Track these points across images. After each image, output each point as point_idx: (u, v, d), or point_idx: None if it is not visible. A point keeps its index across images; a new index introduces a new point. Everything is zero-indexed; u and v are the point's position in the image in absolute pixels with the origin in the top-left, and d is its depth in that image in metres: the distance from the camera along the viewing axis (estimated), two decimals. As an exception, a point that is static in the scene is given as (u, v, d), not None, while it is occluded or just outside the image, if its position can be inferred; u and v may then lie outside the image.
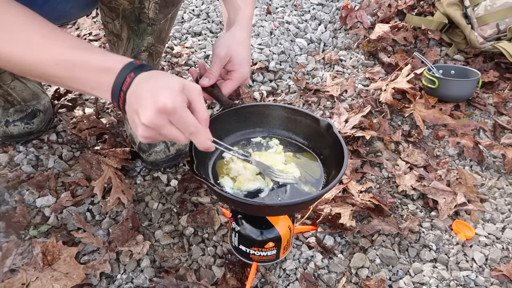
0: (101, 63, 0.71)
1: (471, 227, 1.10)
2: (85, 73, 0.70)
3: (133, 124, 0.69)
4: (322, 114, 1.51)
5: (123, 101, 0.69)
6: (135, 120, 0.68)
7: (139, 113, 0.66)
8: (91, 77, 0.71)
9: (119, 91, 0.69)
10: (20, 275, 0.91)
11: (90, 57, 0.71)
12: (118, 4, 1.00)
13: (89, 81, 0.71)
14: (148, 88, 0.67)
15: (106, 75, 0.70)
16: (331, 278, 0.97)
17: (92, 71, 0.70)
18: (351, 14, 1.98)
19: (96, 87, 0.71)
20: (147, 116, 0.65)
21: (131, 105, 0.68)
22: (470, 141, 1.36)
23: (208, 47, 1.82)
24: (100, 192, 1.10)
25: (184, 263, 1.00)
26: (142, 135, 0.68)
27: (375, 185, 1.24)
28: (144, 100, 0.66)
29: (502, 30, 1.70)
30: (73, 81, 0.72)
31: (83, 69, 0.70)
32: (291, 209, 0.85)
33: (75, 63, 0.70)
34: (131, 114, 0.69)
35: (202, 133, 0.69)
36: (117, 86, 0.69)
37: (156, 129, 0.67)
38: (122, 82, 0.69)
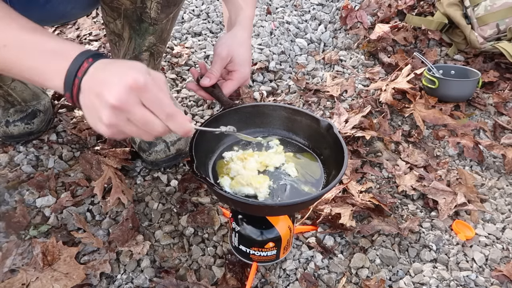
0: (55, 46, 0.64)
1: (471, 227, 1.10)
2: (35, 57, 0.63)
3: (94, 111, 0.61)
4: (322, 114, 1.51)
5: (77, 90, 0.62)
6: (97, 105, 0.59)
7: (103, 93, 0.58)
8: (42, 62, 0.63)
9: (73, 77, 0.61)
10: (20, 275, 0.91)
11: (42, 40, 0.64)
12: (120, 3, 1.00)
13: (39, 67, 0.64)
14: (112, 71, 0.61)
15: (59, 60, 0.63)
16: (331, 278, 0.97)
17: (44, 55, 0.63)
18: (351, 14, 1.98)
19: (47, 73, 0.64)
20: (114, 93, 0.57)
21: (90, 90, 0.61)
22: (470, 141, 1.36)
23: (208, 47, 1.82)
24: (100, 192, 1.10)
25: (184, 263, 1.00)
26: (108, 121, 0.59)
27: (375, 185, 1.24)
28: (109, 80, 0.59)
29: (502, 30, 1.70)
30: (21, 66, 0.64)
31: (34, 51, 0.63)
32: (291, 209, 0.85)
33: (25, 44, 0.64)
34: (91, 99, 0.60)
35: (180, 114, 0.63)
36: (71, 72, 0.61)
37: (125, 111, 0.59)
38: (78, 68, 0.61)
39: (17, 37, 0.64)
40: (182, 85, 1.61)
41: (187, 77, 1.66)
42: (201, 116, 1.47)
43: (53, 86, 0.64)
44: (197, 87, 0.95)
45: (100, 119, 0.60)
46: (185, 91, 1.58)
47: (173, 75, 1.64)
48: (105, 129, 0.61)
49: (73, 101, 0.64)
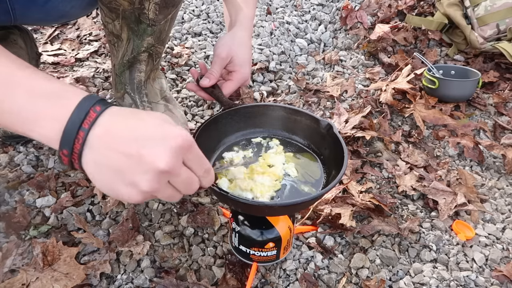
0: (50, 87, 0.51)
1: (471, 227, 1.10)
2: (20, 98, 0.50)
3: (119, 174, 0.49)
4: (322, 114, 1.51)
5: (81, 145, 0.49)
6: (130, 167, 0.49)
7: (145, 155, 0.48)
8: (30, 105, 0.49)
9: (77, 129, 0.49)
10: (20, 275, 0.91)
11: (33, 77, 0.51)
12: (118, 4, 1.00)
13: (24, 111, 0.49)
14: (144, 125, 0.50)
15: (55, 105, 0.50)
16: (331, 279, 0.97)
17: (33, 96, 0.50)
18: (351, 15, 1.98)
19: (34, 121, 0.49)
20: (164, 156, 0.48)
21: (111, 148, 0.49)
22: (470, 141, 1.36)
23: (208, 48, 1.82)
24: (100, 193, 1.11)
25: (184, 263, 1.00)
26: (149, 187, 0.49)
27: (375, 185, 1.24)
28: (147, 138, 0.49)
29: (502, 30, 1.70)
30: (4, 110, 0.50)
31: (19, 90, 0.50)
32: (291, 209, 0.85)
33: (8, 80, 0.50)
34: (115, 160, 0.49)
35: (211, 168, 0.58)
36: (74, 122, 0.49)
37: (172, 175, 0.51)
38: (83, 118, 0.49)
39: (3, 70, 0.51)
40: (182, 85, 1.61)
41: (187, 77, 1.66)
42: (201, 116, 1.47)
43: (41, 137, 0.51)
44: (197, 88, 0.96)
45: (134, 184, 0.50)
46: (185, 91, 1.58)
47: (173, 75, 1.64)
48: (137, 196, 0.51)
49: (69, 160, 0.50)
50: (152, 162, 0.48)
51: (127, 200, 0.52)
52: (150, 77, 1.19)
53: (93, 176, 0.52)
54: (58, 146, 0.50)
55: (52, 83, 0.52)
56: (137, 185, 0.49)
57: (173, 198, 0.55)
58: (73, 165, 0.51)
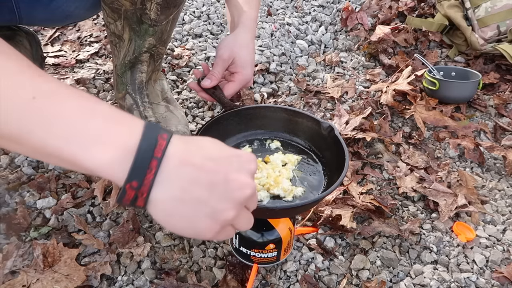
0: (106, 108, 0.45)
1: (471, 229, 1.10)
2: (75, 118, 0.43)
3: (202, 206, 0.45)
4: (322, 115, 1.51)
5: (154, 175, 0.43)
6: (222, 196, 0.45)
7: (232, 183, 0.46)
8: (87, 125, 0.43)
9: (150, 157, 0.42)
10: (21, 277, 0.91)
11: (88, 97, 0.45)
12: (120, 4, 1.01)
13: (80, 131, 0.42)
14: (222, 152, 0.48)
15: (119, 126, 0.44)
16: (331, 280, 0.97)
17: (90, 116, 0.44)
18: (351, 16, 1.98)
19: (93, 143, 0.42)
20: (249, 184, 0.47)
21: (190, 179, 0.44)
22: (471, 143, 1.36)
23: (209, 49, 1.82)
24: (100, 194, 1.11)
25: (184, 264, 1.00)
26: (233, 215, 0.46)
27: (376, 186, 1.24)
28: (230, 167, 0.47)
29: (502, 32, 1.70)
30: (49, 130, 0.42)
31: (77, 108, 0.44)
32: (292, 212, 0.85)
33: (61, 99, 0.44)
34: (197, 190, 0.44)
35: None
36: (144, 150, 0.43)
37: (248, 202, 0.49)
38: (154, 146, 0.43)
39: (52, 89, 0.44)
40: (183, 87, 1.61)
41: (188, 79, 1.66)
42: (201, 118, 1.47)
43: (97, 166, 0.43)
44: (198, 88, 0.95)
45: (216, 213, 0.45)
46: (186, 93, 1.58)
47: (174, 77, 1.64)
48: (215, 228, 0.46)
49: (135, 195, 0.43)
50: (238, 189, 0.46)
51: (201, 236, 0.47)
52: (151, 78, 1.19)
53: (166, 213, 0.45)
54: (124, 177, 0.42)
55: (105, 105, 0.45)
56: (220, 213, 0.45)
57: (230, 235, 0.51)
58: (136, 202, 0.44)
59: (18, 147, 0.44)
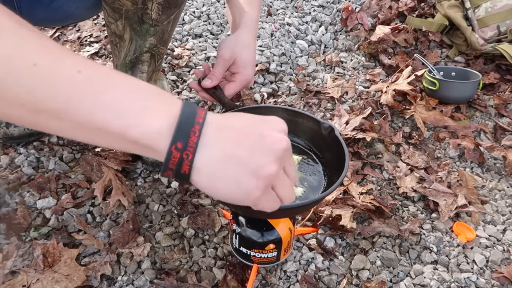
0: (152, 87, 0.48)
1: (471, 229, 1.10)
2: (128, 91, 0.46)
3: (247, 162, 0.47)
4: (322, 116, 1.51)
5: (198, 138, 0.46)
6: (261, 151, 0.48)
7: (268, 138, 0.48)
8: (139, 98, 0.46)
9: (193, 121, 0.46)
10: (21, 277, 0.91)
11: (133, 78, 0.48)
12: (121, 4, 1.01)
13: (134, 104, 0.45)
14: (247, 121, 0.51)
15: (163, 100, 0.48)
16: (331, 280, 0.97)
17: (140, 91, 0.47)
18: (351, 16, 1.98)
19: (145, 113, 0.45)
20: (283, 139, 0.49)
21: (229, 140, 0.48)
22: (471, 143, 1.36)
23: (209, 49, 1.82)
24: (100, 194, 1.11)
25: (184, 264, 1.00)
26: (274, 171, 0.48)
27: (376, 187, 1.24)
28: (263, 123, 0.50)
29: (502, 32, 1.70)
30: (96, 100, 0.44)
31: (126, 85, 0.47)
32: (292, 213, 0.85)
33: (112, 76, 0.46)
34: (238, 148, 0.47)
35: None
36: (188, 115, 0.46)
37: (285, 161, 0.50)
38: (196, 113, 0.47)
39: (91, 64, 0.46)
40: (183, 87, 1.62)
41: (188, 79, 1.66)
42: (201, 118, 1.47)
43: (147, 131, 0.45)
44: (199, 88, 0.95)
45: (258, 169, 0.47)
46: (186, 93, 1.58)
47: (174, 77, 1.64)
48: (257, 188, 0.48)
49: (180, 157, 0.45)
50: (274, 142, 0.48)
51: (248, 197, 0.48)
52: (152, 78, 1.19)
53: (211, 176, 0.47)
54: (169, 140, 0.45)
55: (149, 84, 0.49)
56: (262, 168, 0.47)
57: (274, 205, 0.54)
58: (181, 167, 0.46)
59: (58, 124, 0.45)
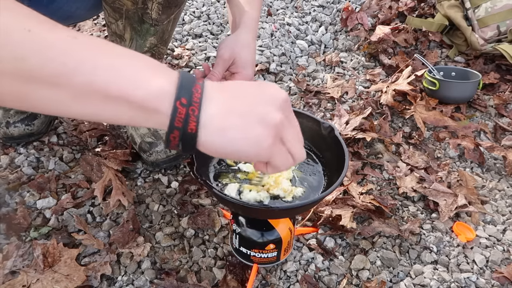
0: (149, 59, 0.49)
1: (471, 229, 1.10)
2: (130, 58, 0.47)
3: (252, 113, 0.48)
4: (322, 116, 1.51)
5: (201, 94, 0.47)
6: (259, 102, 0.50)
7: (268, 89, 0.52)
8: (132, 62, 0.47)
9: (193, 81, 0.48)
10: (21, 277, 0.91)
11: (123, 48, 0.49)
12: (121, 4, 1.01)
13: (127, 66, 0.46)
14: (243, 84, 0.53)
15: (162, 68, 0.49)
16: (331, 280, 0.97)
17: (140, 59, 0.48)
18: (351, 16, 1.98)
19: (147, 76, 0.46)
20: (282, 92, 0.52)
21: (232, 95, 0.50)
22: (471, 143, 1.36)
23: (209, 49, 1.82)
24: (100, 194, 1.10)
25: (184, 265, 1.00)
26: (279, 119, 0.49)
27: (376, 187, 1.24)
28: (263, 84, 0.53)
29: (502, 32, 1.70)
30: (97, 64, 0.44)
31: (128, 54, 0.48)
32: (292, 212, 0.85)
33: (101, 43, 0.47)
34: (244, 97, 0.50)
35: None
36: (187, 77, 0.48)
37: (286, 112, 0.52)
38: (194, 77, 0.49)
39: (86, 34, 0.49)
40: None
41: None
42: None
43: (150, 91, 0.46)
44: None
45: (265, 116, 0.49)
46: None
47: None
48: (268, 136, 0.49)
49: (186, 112, 0.46)
50: (274, 93, 0.51)
51: (260, 146, 0.49)
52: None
53: (219, 129, 0.48)
54: (173, 97, 0.46)
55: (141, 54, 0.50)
56: (267, 117, 0.48)
57: (287, 161, 0.55)
58: (188, 124, 0.46)
59: (54, 91, 0.44)
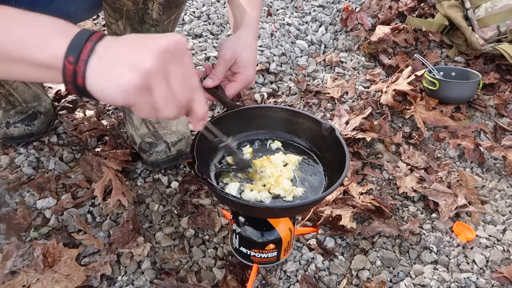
0: (52, 20, 0.56)
1: (471, 229, 1.10)
2: (26, 26, 0.54)
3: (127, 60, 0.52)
4: (323, 116, 1.51)
5: (89, 52, 0.52)
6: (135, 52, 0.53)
7: (150, 39, 0.54)
8: (36, 31, 0.54)
9: (85, 40, 0.52)
10: (21, 277, 0.91)
11: (33, 14, 0.56)
12: (122, 4, 1.01)
13: (32, 35, 0.53)
14: (139, 36, 0.56)
15: (60, 29, 0.55)
16: (331, 280, 0.97)
17: (38, 24, 0.55)
18: (351, 16, 1.98)
19: (43, 40, 0.53)
20: (165, 41, 0.53)
21: (120, 45, 0.54)
22: (471, 143, 1.36)
23: (209, 49, 1.82)
24: (100, 194, 1.10)
25: (184, 265, 1.00)
26: (151, 65, 0.52)
27: (376, 187, 1.24)
28: (150, 36, 0.55)
29: (502, 32, 1.70)
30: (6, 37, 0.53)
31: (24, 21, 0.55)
32: (293, 212, 0.85)
33: (10, 14, 0.55)
34: (122, 52, 0.53)
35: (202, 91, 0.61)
36: (82, 36, 0.52)
37: (173, 60, 0.54)
38: (90, 34, 0.53)
39: (1, 9, 0.55)
40: (183, 87, 1.61)
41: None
42: (201, 118, 1.47)
43: (47, 55, 0.53)
44: None
45: (138, 62, 0.52)
46: (186, 93, 1.58)
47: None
48: (139, 77, 0.52)
49: (73, 69, 0.52)
50: (154, 43, 0.53)
51: (125, 93, 0.52)
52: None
53: (97, 78, 0.53)
54: (62, 58, 0.52)
55: (52, 18, 0.56)
56: (140, 63, 0.52)
57: (168, 101, 0.56)
58: (76, 79, 0.52)
59: None
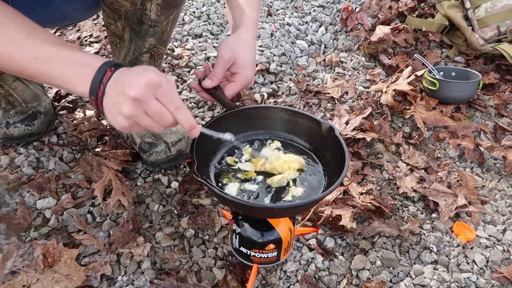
0: (81, 58, 0.73)
1: (471, 229, 1.10)
2: (64, 68, 0.72)
3: (115, 107, 0.70)
4: (322, 116, 1.51)
5: (102, 94, 0.71)
6: (119, 101, 0.68)
7: (125, 90, 0.67)
8: (70, 72, 0.72)
9: (99, 83, 0.71)
10: (21, 277, 0.91)
11: (70, 53, 0.73)
12: (120, 5, 1.01)
13: (67, 76, 0.72)
14: (132, 73, 0.70)
15: (85, 70, 0.72)
16: (331, 280, 0.97)
17: (71, 65, 0.72)
18: (351, 16, 1.98)
19: (75, 81, 0.72)
20: (135, 88, 0.66)
21: (114, 91, 0.70)
22: (471, 143, 1.36)
23: (209, 49, 1.82)
24: (100, 194, 1.10)
25: (184, 265, 1.00)
26: (128, 112, 0.68)
27: (376, 187, 1.24)
28: (129, 80, 0.68)
29: (502, 32, 1.70)
30: (52, 75, 0.73)
31: (63, 63, 0.72)
32: (292, 212, 0.85)
33: (54, 57, 0.72)
34: (114, 98, 0.70)
35: (186, 109, 0.72)
36: (97, 79, 0.71)
37: (143, 103, 0.68)
38: (103, 76, 0.70)
39: (46, 51, 0.72)
40: (183, 87, 1.62)
41: (188, 79, 1.66)
42: (201, 118, 1.47)
43: (80, 92, 0.73)
44: (199, 88, 0.95)
45: (121, 112, 0.68)
46: (186, 93, 1.58)
47: (174, 77, 1.64)
48: (123, 121, 0.69)
49: (97, 104, 0.73)
50: (128, 93, 0.66)
51: (119, 127, 0.71)
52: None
53: (106, 113, 0.72)
54: (88, 96, 0.72)
55: (82, 54, 0.74)
56: (122, 112, 0.68)
57: (152, 128, 0.72)
58: (99, 108, 0.73)
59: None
